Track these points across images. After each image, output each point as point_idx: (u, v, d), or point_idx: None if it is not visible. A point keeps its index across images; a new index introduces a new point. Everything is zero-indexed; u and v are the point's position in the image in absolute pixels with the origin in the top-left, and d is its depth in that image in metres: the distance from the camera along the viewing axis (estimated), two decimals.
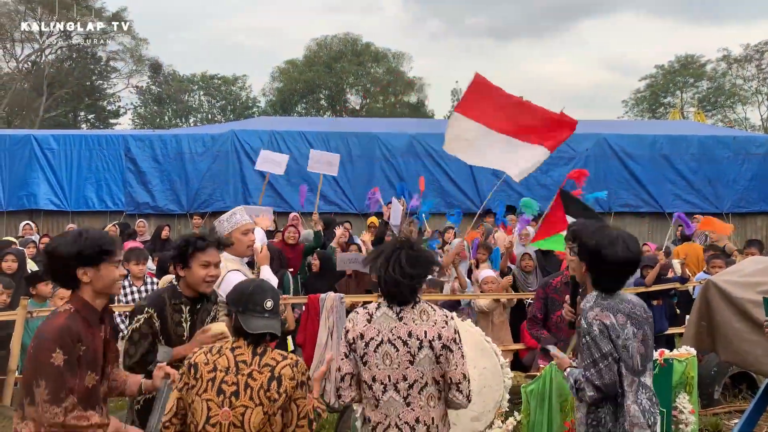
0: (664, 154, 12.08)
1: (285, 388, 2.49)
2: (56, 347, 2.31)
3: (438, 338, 2.63)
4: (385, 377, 2.63)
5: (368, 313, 2.73)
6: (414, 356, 2.61)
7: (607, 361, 2.70)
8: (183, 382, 2.56)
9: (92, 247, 2.46)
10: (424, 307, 2.71)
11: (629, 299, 2.85)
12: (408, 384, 2.62)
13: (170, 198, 11.55)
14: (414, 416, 2.62)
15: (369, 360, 2.64)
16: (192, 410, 2.52)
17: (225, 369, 2.50)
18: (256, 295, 2.60)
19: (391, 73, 42.81)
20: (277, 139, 11.91)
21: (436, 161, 12.12)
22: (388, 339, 2.63)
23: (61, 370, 2.31)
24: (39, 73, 32.94)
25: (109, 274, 2.51)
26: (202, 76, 44.57)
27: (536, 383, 3.90)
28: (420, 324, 2.65)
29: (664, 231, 11.84)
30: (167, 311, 3.11)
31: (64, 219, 11.31)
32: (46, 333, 2.36)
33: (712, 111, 40.32)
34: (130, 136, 11.74)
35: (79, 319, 2.43)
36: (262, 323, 2.55)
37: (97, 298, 2.53)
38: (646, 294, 6.44)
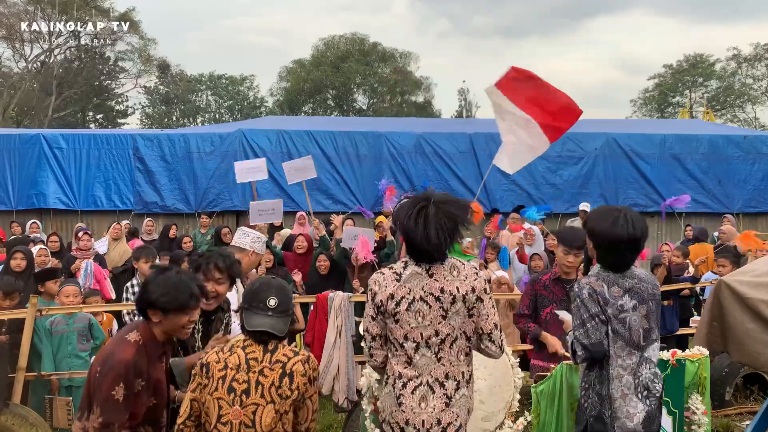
0: (674, 154, 12.00)
1: (297, 385, 2.47)
2: (120, 381, 2.41)
3: (471, 291, 2.60)
4: (418, 335, 2.59)
5: (396, 273, 2.66)
6: (447, 311, 2.58)
7: (594, 321, 2.80)
8: (196, 382, 2.55)
9: (166, 298, 2.56)
10: (453, 262, 2.67)
11: (637, 275, 2.92)
12: (440, 339, 2.59)
13: (178, 197, 11.58)
14: (444, 372, 2.60)
15: (401, 318, 2.60)
16: (205, 410, 2.51)
17: (236, 367, 2.48)
18: (261, 292, 2.58)
19: (397, 73, 42.79)
20: (285, 138, 11.91)
21: (443, 160, 12.09)
22: (420, 296, 2.59)
23: (119, 405, 2.41)
24: (48, 73, 33.13)
25: (176, 321, 2.61)
26: (209, 75, 44.76)
27: (546, 383, 3.86)
28: (452, 280, 2.61)
29: (674, 231, 11.78)
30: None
31: (73, 218, 11.34)
32: (115, 364, 2.44)
33: (721, 110, 40.07)
34: (139, 136, 11.77)
35: (144, 353, 2.53)
36: (262, 321, 2.52)
37: (162, 335, 2.64)
38: None
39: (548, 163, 11.99)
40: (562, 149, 12.01)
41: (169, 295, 2.56)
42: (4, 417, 4.69)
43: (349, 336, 5.61)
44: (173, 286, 2.58)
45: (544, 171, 11.96)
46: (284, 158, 11.87)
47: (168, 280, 2.60)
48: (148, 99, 42.05)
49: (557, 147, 12.05)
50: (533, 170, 11.98)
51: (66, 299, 5.23)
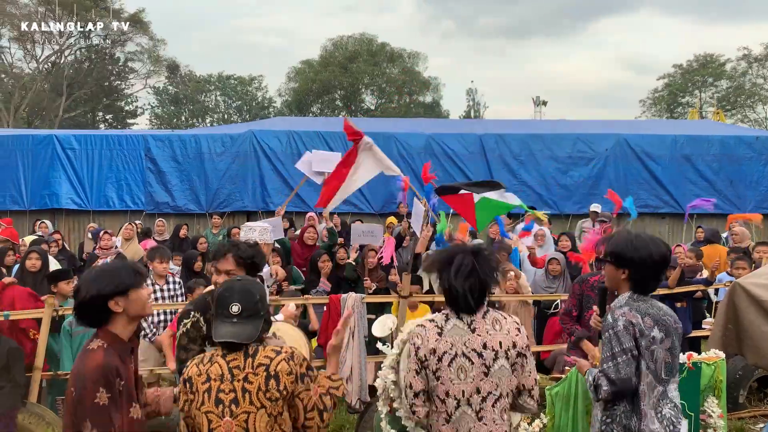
0: (685, 154, 11.94)
1: (284, 385, 2.37)
2: (99, 387, 2.30)
3: (513, 347, 2.58)
4: (459, 392, 2.55)
5: (437, 326, 2.62)
6: (489, 368, 2.55)
7: (626, 356, 2.71)
8: (182, 399, 2.44)
9: (118, 279, 2.45)
10: (495, 316, 2.64)
11: (660, 306, 2.87)
12: (481, 397, 2.54)
13: (189, 198, 11.64)
14: (486, 431, 2.55)
15: (443, 375, 2.56)
16: (196, 426, 2.42)
17: (219, 377, 2.38)
18: (222, 298, 2.45)
19: (405, 73, 42.79)
20: (295, 139, 11.94)
21: (453, 161, 12.08)
22: (462, 352, 2.55)
23: (107, 410, 2.30)
24: (58, 73, 33.36)
25: (138, 297, 2.49)
26: (218, 76, 44.90)
27: (561, 385, 3.87)
28: (494, 334, 2.59)
29: (685, 232, 11.71)
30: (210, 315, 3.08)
31: (86, 218, 11.43)
32: (86, 375, 2.32)
33: (731, 111, 39.81)
34: (150, 136, 11.84)
35: (114, 354, 2.40)
36: (225, 330, 2.39)
37: (128, 325, 2.51)
38: (670, 296, 6.36)
39: (558, 164, 11.97)
40: (572, 150, 11.99)
41: (116, 277, 2.44)
42: (22, 416, 4.75)
43: (361, 337, 5.63)
44: (113, 270, 2.48)
45: (554, 172, 11.94)
46: (294, 159, 11.87)
47: (103, 269, 2.51)
48: (157, 99, 42.28)
49: (567, 148, 12.07)
50: (543, 171, 11.98)
51: None
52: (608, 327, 2.79)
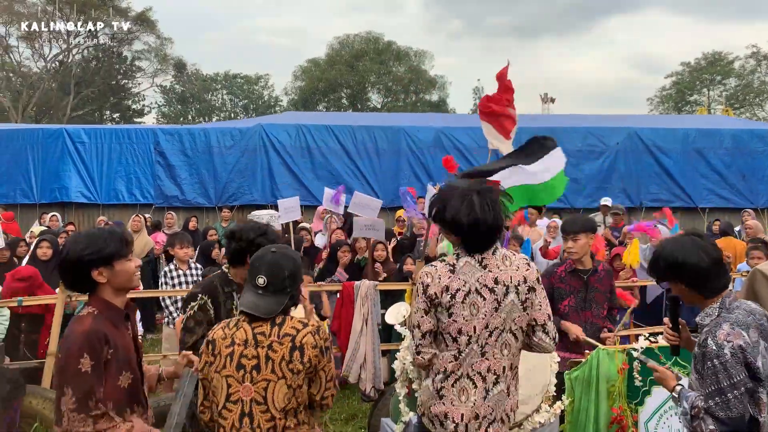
0: (697, 148, 11.85)
1: (308, 357, 2.34)
2: (83, 353, 2.19)
3: (524, 281, 2.54)
4: (471, 328, 2.50)
5: (449, 264, 2.57)
6: (500, 303, 2.51)
7: (737, 391, 2.31)
8: (203, 361, 2.41)
9: (103, 246, 2.32)
10: (504, 252, 2.60)
11: (749, 307, 2.51)
12: (488, 332, 2.50)
13: (199, 191, 11.63)
14: (486, 366, 2.52)
15: (456, 312, 2.50)
16: (212, 388, 2.38)
17: (243, 342, 2.35)
18: (253, 268, 2.43)
19: (412, 72, 42.77)
20: (304, 132, 11.93)
21: (463, 155, 12.02)
22: (475, 288, 2.50)
23: (89, 377, 2.19)
24: (66, 72, 33.47)
25: (124, 269, 2.37)
26: (225, 75, 44.99)
27: (581, 369, 3.81)
28: (505, 270, 2.54)
29: (697, 226, 11.62)
30: (220, 298, 3.07)
31: (95, 211, 11.44)
32: (72, 339, 2.23)
33: (740, 109, 39.58)
34: (160, 130, 11.85)
35: (103, 320, 2.31)
36: (248, 300, 2.38)
37: (117, 296, 2.40)
38: None
39: (569, 158, 11.80)
40: (583, 144, 11.92)
41: (99, 243, 2.32)
42: (36, 400, 4.73)
43: (375, 324, 5.59)
44: (96, 237, 2.34)
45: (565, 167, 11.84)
46: (303, 153, 11.93)
47: (88, 235, 2.37)
48: (164, 98, 42.39)
49: (578, 141, 11.99)
50: None
51: None
52: (712, 356, 2.36)
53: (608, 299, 4.37)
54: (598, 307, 4.30)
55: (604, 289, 4.33)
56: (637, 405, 3.68)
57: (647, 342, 3.70)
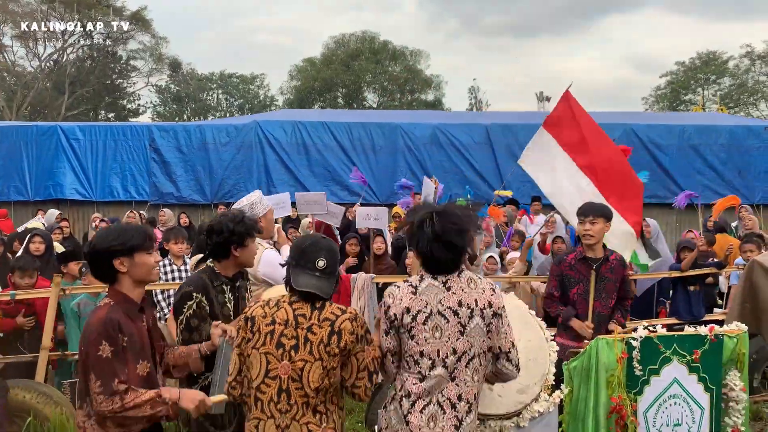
0: (693, 145, 11.85)
1: (345, 343, 2.43)
2: (102, 339, 2.36)
3: (489, 306, 2.51)
4: (434, 351, 2.48)
5: (412, 285, 2.56)
6: (465, 326, 2.48)
7: None
8: (240, 336, 2.52)
9: (127, 238, 2.51)
10: (469, 275, 2.58)
11: None
12: (457, 357, 2.48)
13: (194, 188, 11.59)
14: (457, 392, 2.49)
15: (417, 334, 2.48)
16: (249, 364, 2.47)
17: (284, 322, 2.45)
18: (310, 252, 2.53)
19: (407, 71, 42.76)
20: (300, 129, 11.88)
21: (459, 152, 12.01)
22: (437, 311, 2.48)
23: (110, 361, 2.35)
24: (61, 71, 33.32)
25: (144, 261, 2.53)
26: (220, 74, 44.89)
27: (579, 360, 3.78)
28: (469, 292, 2.52)
29: (693, 222, 11.62)
30: (212, 293, 3.11)
31: (90, 208, 11.38)
32: (91, 328, 2.40)
33: (734, 108, 39.71)
34: (155, 127, 11.79)
35: (119, 311, 2.47)
36: (309, 281, 2.48)
37: (135, 288, 2.56)
38: (682, 279, 6.29)
39: None
40: None
41: (125, 235, 2.51)
42: (30, 395, 4.68)
43: (372, 317, 5.56)
44: (122, 230, 2.54)
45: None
46: (299, 150, 11.89)
47: (115, 228, 2.58)
48: (159, 97, 42.26)
49: None
50: None
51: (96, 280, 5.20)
52: None
53: (619, 289, 4.31)
54: (606, 297, 4.25)
55: (614, 278, 4.26)
56: (636, 394, 3.65)
57: (646, 331, 3.68)
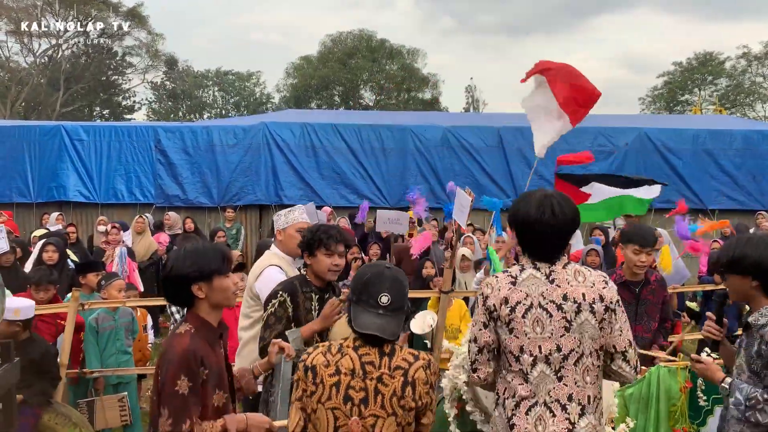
0: (707, 149, 11.69)
1: (420, 394, 2.16)
2: (181, 373, 2.22)
3: (600, 300, 2.30)
4: (536, 347, 2.29)
5: (511, 276, 2.38)
6: (570, 322, 2.28)
7: None
8: (300, 389, 2.25)
9: (206, 263, 2.35)
10: (577, 267, 2.38)
11: None
12: (562, 355, 2.27)
13: (201, 191, 11.32)
14: (566, 393, 2.28)
15: (516, 327, 2.31)
16: (314, 421, 2.21)
17: (350, 372, 2.17)
18: (372, 285, 2.24)
19: (405, 70, 42.58)
20: (309, 131, 11.65)
21: (470, 154, 11.81)
22: (538, 303, 2.30)
23: (185, 399, 2.21)
24: (56, 68, 32.89)
25: (223, 286, 2.37)
26: (216, 71, 44.52)
27: (636, 387, 3.61)
28: (576, 285, 2.31)
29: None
30: (299, 298, 3.11)
31: (94, 211, 11.11)
32: (171, 358, 2.25)
33: (731, 109, 39.81)
34: (161, 128, 11.51)
35: (199, 339, 2.32)
36: (371, 321, 2.19)
37: (213, 312, 2.41)
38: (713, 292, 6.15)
39: None
40: (592, 143, 11.74)
41: (203, 260, 2.34)
42: (48, 416, 4.47)
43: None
44: (200, 254, 2.36)
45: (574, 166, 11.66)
46: (308, 152, 11.66)
47: (192, 251, 2.38)
48: (154, 94, 41.86)
49: (587, 141, 11.81)
50: None
51: (118, 294, 5.00)
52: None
53: (661, 311, 4.17)
54: (648, 321, 4.11)
55: (656, 301, 4.13)
56: (699, 425, 3.49)
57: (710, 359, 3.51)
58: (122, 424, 4.92)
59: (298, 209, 3.91)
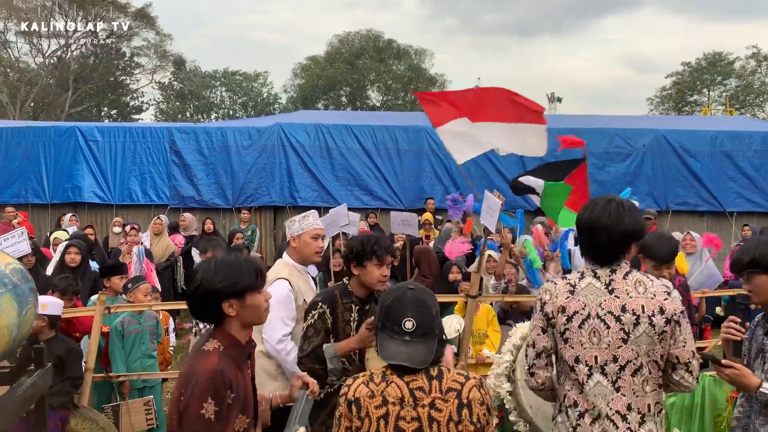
0: (725, 151, 11.58)
1: (477, 416, 2.02)
2: (208, 396, 2.03)
3: (660, 312, 2.26)
4: (591, 358, 2.27)
5: (570, 283, 2.36)
6: (628, 334, 2.25)
7: None
8: (344, 427, 2.07)
9: (238, 279, 2.15)
10: (638, 277, 2.33)
11: None
12: (619, 366, 2.26)
13: (216, 192, 11.27)
14: (625, 403, 2.26)
15: (571, 337, 2.30)
16: None
17: (398, 400, 2.01)
18: (394, 310, 2.08)
19: (412, 70, 42.54)
20: (324, 132, 11.59)
21: (486, 155, 11.69)
22: (596, 314, 2.27)
23: (210, 424, 2.03)
24: (65, 68, 32.95)
25: (256, 303, 2.19)
26: (223, 72, 44.58)
27: (680, 397, 3.54)
28: (636, 297, 2.28)
29: (725, 231, 11.39)
30: (339, 309, 3.06)
31: (108, 212, 11.08)
32: (198, 379, 2.05)
33: (740, 109, 39.60)
34: (175, 129, 11.46)
35: (228, 359, 2.13)
36: (396, 350, 2.03)
37: (243, 330, 2.23)
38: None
39: (594, 159, 11.60)
40: (609, 145, 11.65)
41: (236, 275, 2.14)
42: (75, 420, 4.43)
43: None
44: (233, 269, 2.15)
45: (590, 167, 11.48)
46: (322, 153, 11.60)
47: (223, 265, 2.17)
48: (162, 95, 41.91)
49: (604, 143, 11.72)
50: None
51: (144, 297, 4.95)
52: None
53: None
54: None
55: None
56: None
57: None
58: (148, 428, 4.88)
59: (312, 215, 3.84)
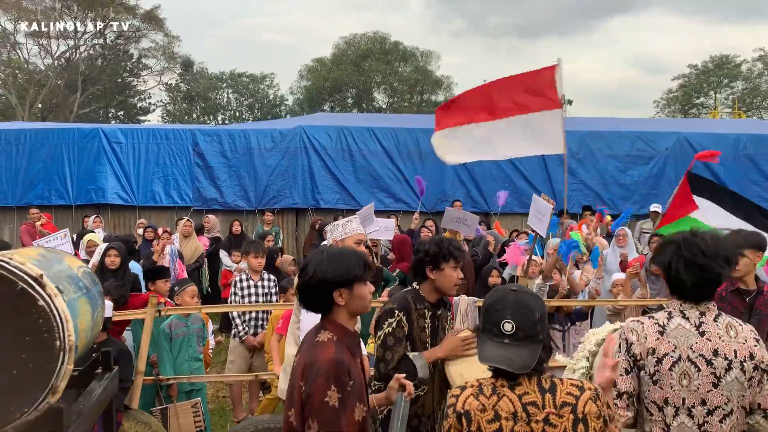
0: (748, 154, 11.58)
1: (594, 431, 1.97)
2: (331, 384, 2.09)
3: (750, 358, 2.25)
4: (679, 400, 2.26)
5: (658, 324, 2.33)
6: (719, 378, 2.23)
7: None
8: None
9: (348, 268, 2.27)
10: (729, 321, 2.32)
11: None
12: (707, 410, 2.24)
13: (238, 194, 11.28)
14: None
15: (661, 379, 2.27)
16: None
17: (512, 416, 1.96)
18: (494, 312, 2.03)
19: (419, 72, 42.54)
20: (345, 134, 11.59)
21: (509, 158, 11.70)
22: (687, 356, 2.25)
23: (336, 411, 2.08)
24: (73, 69, 32.97)
25: (362, 294, 2.29)
26: (230, 73, 44.59)
27: None
28: (728, 341, 2.26)
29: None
30: (413, 315, 2.98)
31: (132, 214, 11.08)
32: (320, 368, 2.11)
33: (747, 112, 39.57)
34: (198, 131, 11.47)
35: (344, 348, 2.21)
36: (494, 352, 1.98)
37: (350, 320, 2.33)
38: None
39: (617, 163, 11.62)
40: (631, 148, 11.64)
41: (346, 265, 2.25)
42: (128, 423, 4.41)
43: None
44: (344, 259, 2.27)
45: (613, 171, 11.58)
46: (344, 155, 11.60)
47: (334, 255, 2.29)
48: (169, 96, 41.94)
49: (626, 146, 11.73)
50: (602, 170, 11.63)
51: (191, 300, 4.94)
52: None
53: None
54: (761, 333, 4.01)
55: None
56: None
57: None
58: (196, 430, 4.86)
59: (356, 220, 3.82)
